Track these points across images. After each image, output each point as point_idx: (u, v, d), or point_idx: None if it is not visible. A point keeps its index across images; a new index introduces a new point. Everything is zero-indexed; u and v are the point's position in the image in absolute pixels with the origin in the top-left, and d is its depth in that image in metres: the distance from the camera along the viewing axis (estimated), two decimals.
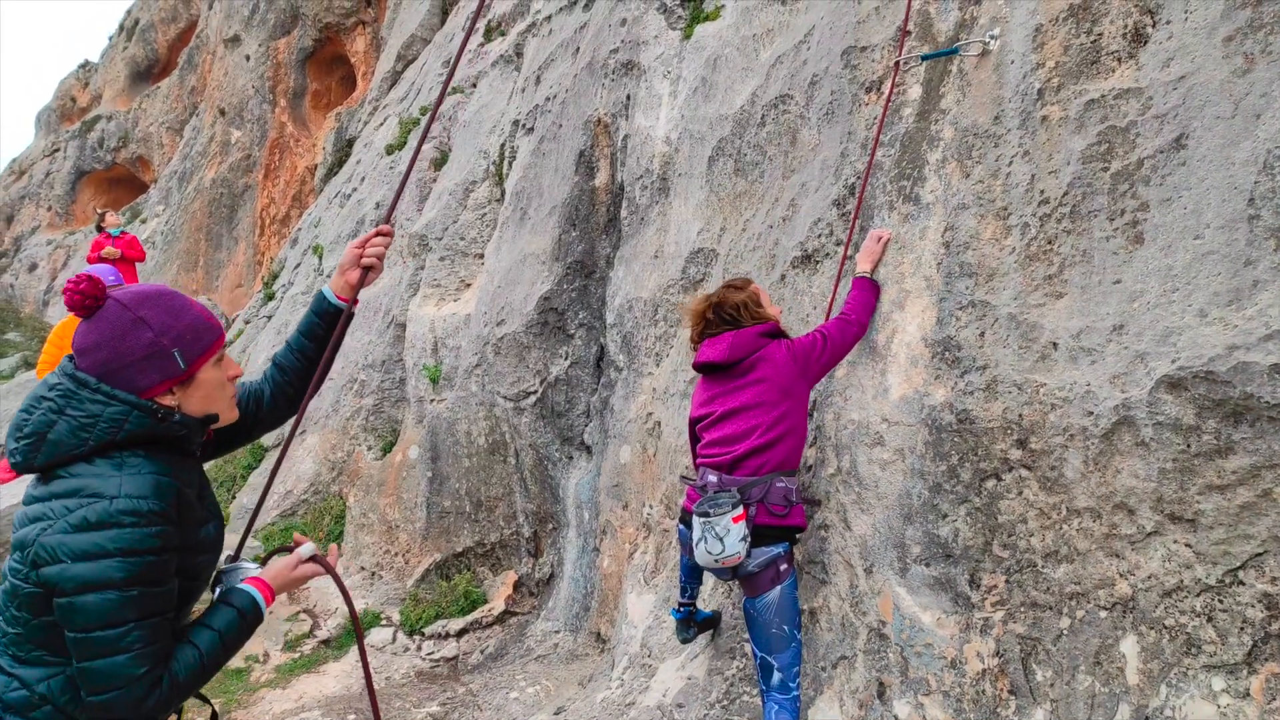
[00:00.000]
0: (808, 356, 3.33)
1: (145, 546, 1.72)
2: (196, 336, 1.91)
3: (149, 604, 1.74)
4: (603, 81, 6.93)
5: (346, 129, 17.51)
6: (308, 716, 5.31)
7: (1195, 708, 2.36)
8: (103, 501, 1.72)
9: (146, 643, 1.73)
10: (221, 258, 20.88)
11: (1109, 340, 2.65)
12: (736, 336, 3.41)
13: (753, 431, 3.29)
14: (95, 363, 1.82)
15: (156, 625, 1.76)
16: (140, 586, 1.72)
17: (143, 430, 1.82)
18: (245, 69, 20.57)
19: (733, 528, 3.12)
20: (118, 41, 28.72)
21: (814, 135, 4.48)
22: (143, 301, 1.87)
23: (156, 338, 1.84)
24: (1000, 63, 3.28)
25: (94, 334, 1.83)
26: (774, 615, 3.19)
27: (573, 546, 6.55)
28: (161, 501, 1.77)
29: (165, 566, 1.77)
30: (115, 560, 1.69)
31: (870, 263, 3.61)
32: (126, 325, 1.83)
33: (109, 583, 1.68)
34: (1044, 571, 2.78)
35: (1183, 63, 2.62)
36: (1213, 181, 2.46)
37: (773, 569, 3.21)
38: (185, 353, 1.89)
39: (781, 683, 3.17)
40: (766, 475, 3.25)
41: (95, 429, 1.78)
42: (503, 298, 7.24)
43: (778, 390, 3.30)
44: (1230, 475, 2.34)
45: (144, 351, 1.83)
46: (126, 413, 1.80)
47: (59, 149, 28.53)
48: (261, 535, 8.65)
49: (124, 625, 1.70)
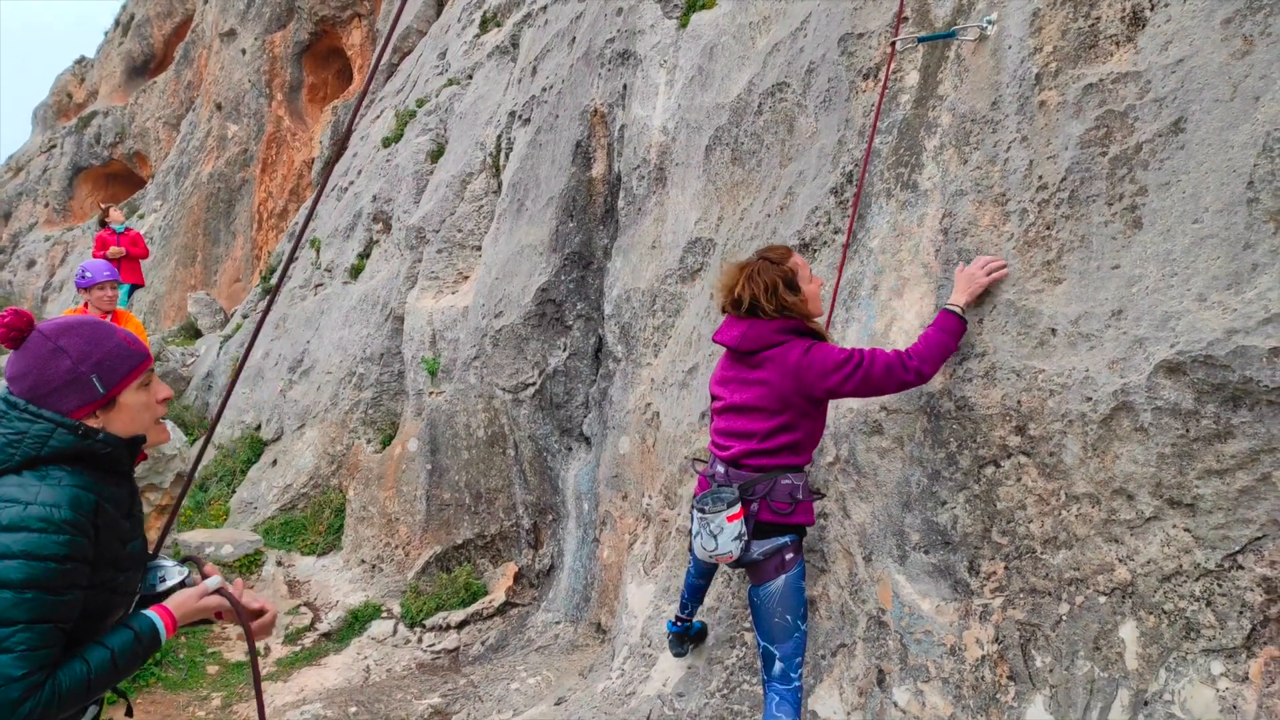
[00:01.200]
0: (821, 374, 3.01)
1: (49, 553, 1.78)
2: (116, 363, 2.02)
3: (43, 609, 1.77)
4: (599, 71, 6.91)
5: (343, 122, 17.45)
6: (309, 709, 5.32)
7: (1194, 692, 2.36)
8: (16, 507, 1.80)
9: (32, 646, 1.75)
10: (219, 253, 20.84)
11: (1107, 325, 2.64)
12: (752, 327, 3.16)
13: (751, 436, 3.17)
14: (23, 389, 1.95)
15: (47, 631, 1.78)
16: (36, 590, 1.76)
17: (68, 448, 1.91)
18: (241, 63, 20.50)
19: (727, 526, 3.05)
20: (113, 37, 28.63)
21: (811, 123, 4.47)
22: (63, 332, 1.99)
23: (75, 365, 1.96)
24: (998, 48, 3.26)
25: (20, 363, 1.97)
26: (777, 604, 3.15)
27: (572, 537, 6.55)
28: (75, 512, 1.84)
29: (68, 575, 1.81)
30: (17, 561, 1.75)
31: (967, 295, 3.04)
32: (47, 354, 1.96)
33: (5, 582, 1.74)
34: (1043, 557, 2.78)
35: (1181, 45, 2.61)
36: (1211, 165, 2.45)
37: (778, 558, 3.15)
38: (104, 378, 1.99)
39: (783, 673, 3.13)
40: (770, 473, 3.15)
41: (22, 444, 1.88)
42: (500, 289, 7.23)
43: (777, 398, 3.10)
44: (1229, 459, 2.34)
45: (64, 378, 1.95)
46: (50, 430, 1.91)
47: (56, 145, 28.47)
48: (262, 529, 8.67)
49: (12, 625, 1.74)
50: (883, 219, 3.68)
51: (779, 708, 3.09)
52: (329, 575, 7.81)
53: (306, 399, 9.88)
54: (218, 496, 9.79)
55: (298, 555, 8.25)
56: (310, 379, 10.06)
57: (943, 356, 3.01)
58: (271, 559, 7.94)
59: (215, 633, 6.57)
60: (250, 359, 11.87)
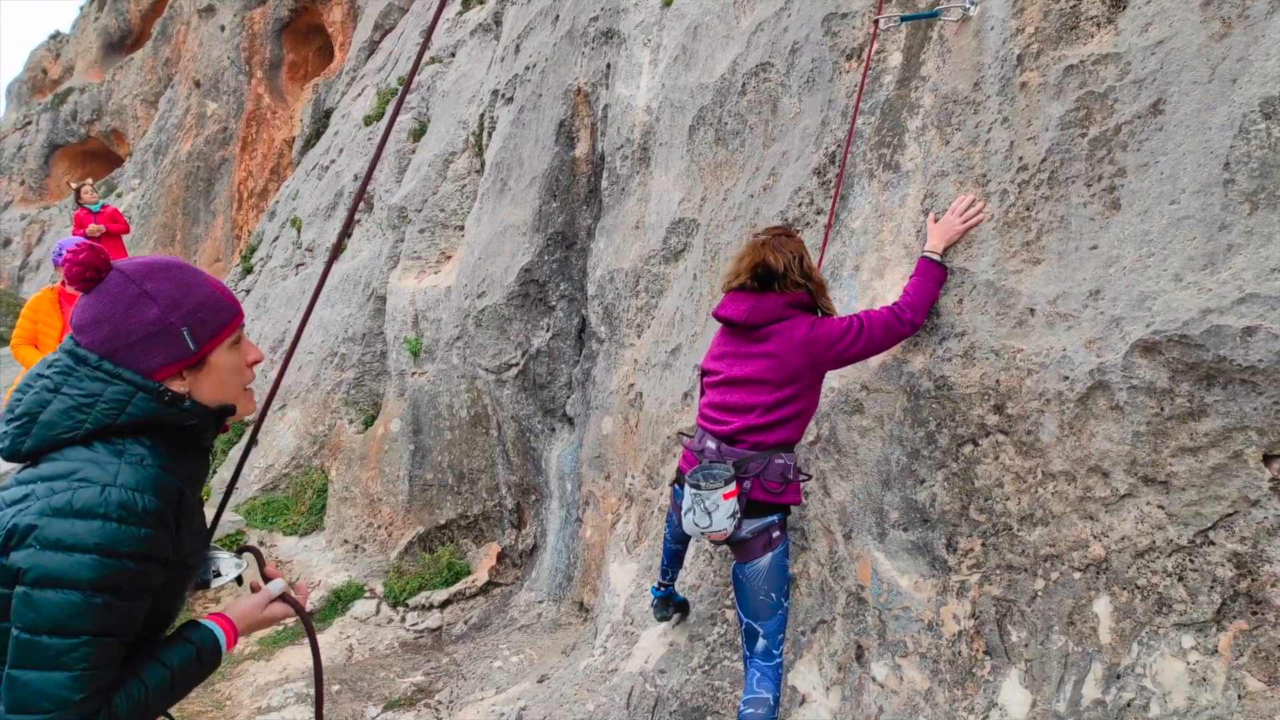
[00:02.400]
0: (828, 345, 3.05)
1: (128, 550, 1.50)
2: (209, 315, 1.71)
3: (111, 620, 1.50)
4: (582, 50, 6.87)
5: (324, 100, 17.28)
6: (291, 687, 5.33)
7: (1166, 665, 2.41)
8: (93, 488, 1.50)
9: (93, 664, 1.48)
10: (199, 232, 20.64)
11: (1085, 305, 2.67)
12: (761, 301, 3.16)
13: (752, 410, 3.16)
14: (96, 340, 1.63)
15: (111, 647, 1.51)
16: (108, 595, 1.48)
17: (147, 416, 1.62)
18: (220, 40, 20.23)
19: (723, 504, 3.03)
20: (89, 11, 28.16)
21: (795, 103, 4.47)
22: (149, 274, 1.67)
23: (164, 314, 1.65)
24: (980, 29, 3.27)
25: (94, 308, 1.64)
26: (763, 582, 3.15)
27: (555, 517, 6.57)
28: (161, 501, 1.56)
29: (143, 577, 1.54)
30: (90, 557, 1.46)
31: (944, 239, 3.13)
32: (130, 299, 1.63)
33: (73, 582, 1.45)
34: (1019, 534, 2.82)
35: (1161, 27, 2.62)
36: (1189, 146, 2.47)
37: (765, 536, 3.16)
38: (195, 332, 1.68)
39: (765, 649, 3.14)
40: (766, 451, 3.14)
41: (94, 410, 1.58)
42: (483, 270, 7.21)
43: (784, 371, 3.10)
44: (1202, 437, 2.37)
45: (149, 329, 1.63)
46: (130, 394, 1.60)
47: (31, 122, 28.04)
48: (244, 510, 8.64)
49: (75, 638, 1.46)
50: (865, 200, 3.69)
51: (760, 683, 3.11)
52: (311, 555, 7.80)
53: (288, 379, 9.82)
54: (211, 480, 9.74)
55: (280, 536, 8.23)
56: (292, 359, 10.02)
57: (930, 304, 3.12)
58: (253, 539, 7.92)
59: (197, 613, 6.56)
60: None
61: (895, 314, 3.06)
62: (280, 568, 7.64)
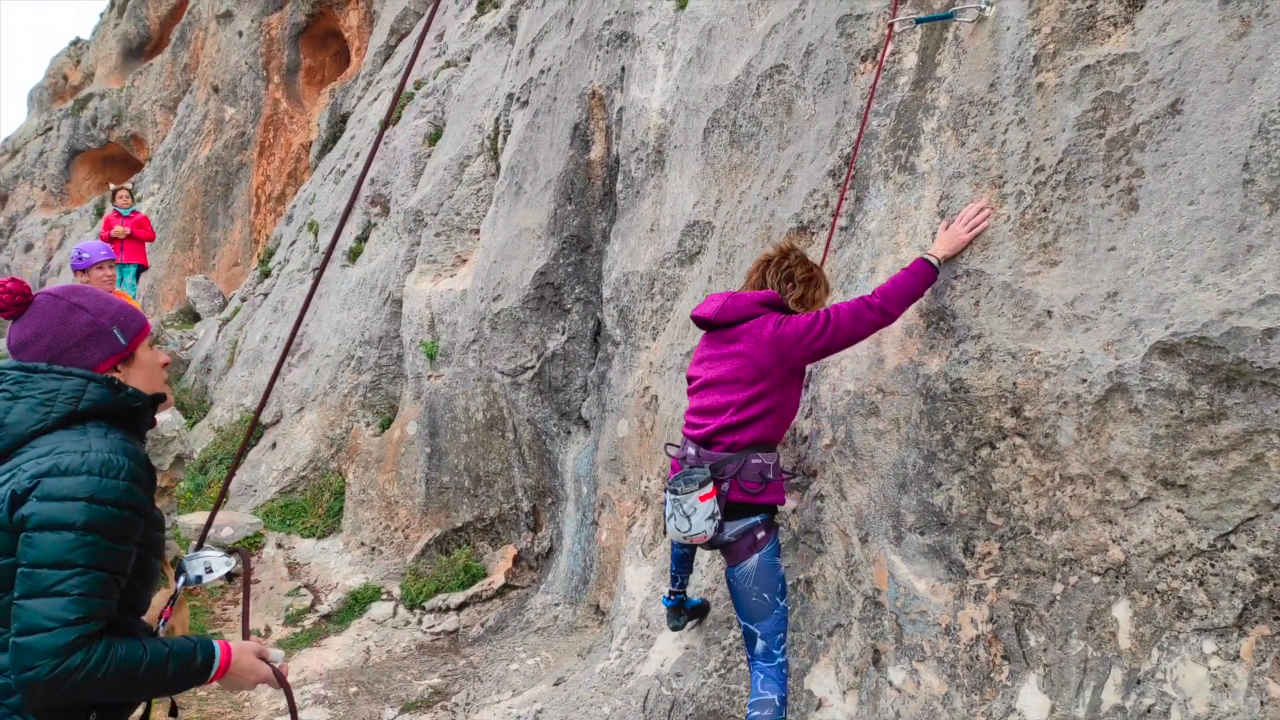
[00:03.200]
0: (796, 340, 3.08)
1: (113, 498, 1.75)
2: (129, 318, 2.02)
3: (102, 556, 1.73)
4: (597, 53, 6.88)
5: (341, 105, 17.38)
6: (309, 689, 5.36)
7: (1186, 670, 2.38)
8: (73, 455, 1.76)
9: (86, 592, 1.70)
10: (218, 236, 20.79)
11: (1103, 307, 2.65)
12: (733, 298, 3.26)
13: (725, 409, 3.19)
14: (39, 351, 1.90)
15: (104, 580, 1.73)
16: (97, 535, 1.72)
17: (104, 402, 1.88)
18: (238, 45, 20.39)
19: (700, 506, 3.06)
20: (109, 18, 28.44)
21: (810, 105, 4.46)
22: (71, 292, 1.98)
23: (94, 318, 1.95)
24: (996, 29, 3.25)
25: (31, 327, 1.92)
26: (753, 583, 3.16)
27: (571, 520, 6.58)
28: (130, 461, 1.81)
29: (127, 524, 1.79)
30: (81, 504, 1.72)
31: (949, 246, 3.11)
32: (62, 312, 1.93)
33: (68, 524, 1.70)
34: (1037, 538, 2.80)
35: (1179, 26, 2.60)
36: (1208, 147, 2.45)
37: (749, 537, 3.17)
38: (123, 330, 1.99)
39: (765, 650, 3.14)
40: (740, 452, 3.16)
41: (56, 402, 1.83)
42: (499, 273, 7.23)
43: (753, 368, 3.14)
44: (1223, 440, 2.35)
45: (85, 331, 1.93)
46: (84, 385, 1.87)
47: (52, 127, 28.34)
48: (262, 512, 8.70)
49: (71, 569, 1.69)
50: (880, 201, 3.68)
51: (764, 685, 3.10)
52: (329, 558, 7.84)
53: (305, 382, 9.89)
54: (217, 479, 9.81)
55: (298, 538, 8.28)
56: (309, 362, 10.07)
57: (909, 298, 3.09)
58: (271, 541, 7.98)
59: (216, 614, 6.61)
60: (249, 342, 11.88)
61: (864, 302, 3.06)
62: (298, 569, 7.69)
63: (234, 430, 10.48)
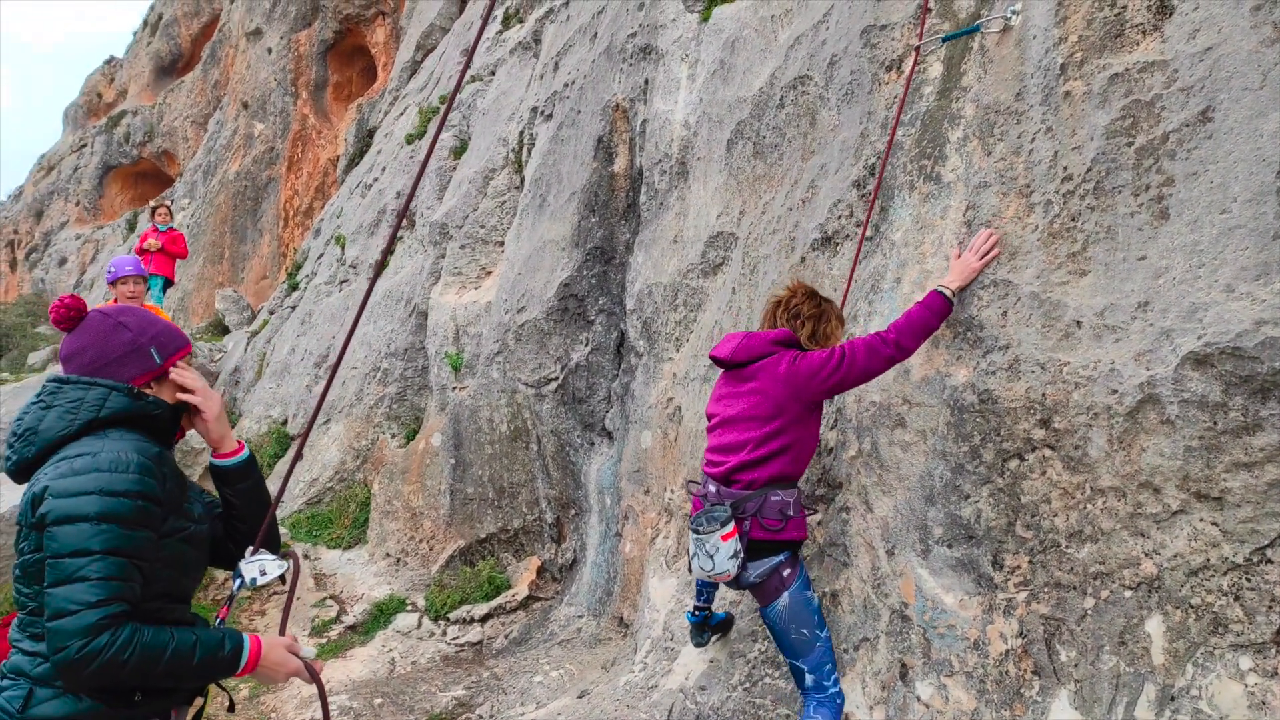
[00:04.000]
0: (811, 376, 3.10)
1: (121, 489, 1.88)
2: (169, 339, 2.21)
3: (118, 541, 1.85)
4: (620, 66, 6.91)
5: (368, 120, 17.58)
6: (334, 700, 5.38)
7: (1222, 687, 2.33)
8: (86, 457, 1.92)
9: (106, 575, 1.81)
10: (246, 250, 21.06)
11: (1134, 317, 2.61)
12: (748, 339, 3.32)
13: (743, 446, 3.20)
14: (83, 364, 2.09)
15: (123, 565, 1.85)
16: (110, 523, 1.84)
17: (124, 410, 2.03)
18: (267, 62, 20.69)
19: (722, 545, 3.07)
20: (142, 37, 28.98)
21: (833, 116, 4.45)
22: (121, 312, 2.18)
23: (135, 337, 2.14)
24: (1022, 38, 3.23)
25: (79, 340, 2.12)
26: (789, 621, 3.14)
27: (595, 532, 6.57)
28: (143, 456, 1.95)
29: (141, 512, 1.90)
30: (92, 497, 1.85)
31: (961, 277, 3.12)
32: (109, 329, 2.13)
33: (82, 516, 1.83)
34: (1068, 552, 2.75)
35: (1209, 34, 2.57)
36: (1240, 154, 2.41)
37: (775, 577, 3.17)
38: (160, 350, 2.17)
39: (816, 684, 3.12)
40: (760, 490, 3.16)
41: (80, 410, 2.00)
42: (523, 285, 7.26)
43: (771, 404, 3.16)
44: (1258, 452, 2.31)
45: (124, 349, 2.12)
46: (106, 394, 2.03)
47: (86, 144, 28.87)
48: (288, 523, 8.76)
49: (89, 555, 1.81)
50: (906, 211, 3.66)
51: (816, 710, 3.08)
52: (354, 569, 7.88)
53: (332, 394, 9.97)
54: None
55: (324, 548, 8.33)
56: (336, 374, 10.16)
57: (925, 333, 3.10)
58: (298, 552, 8.03)
59: (243, 624, 6.65)
60: (277, 354, 12.00)
61: (880, 338, 3.08)
62: (324, 580, 7.73)
63: (261, 441, 10.58)
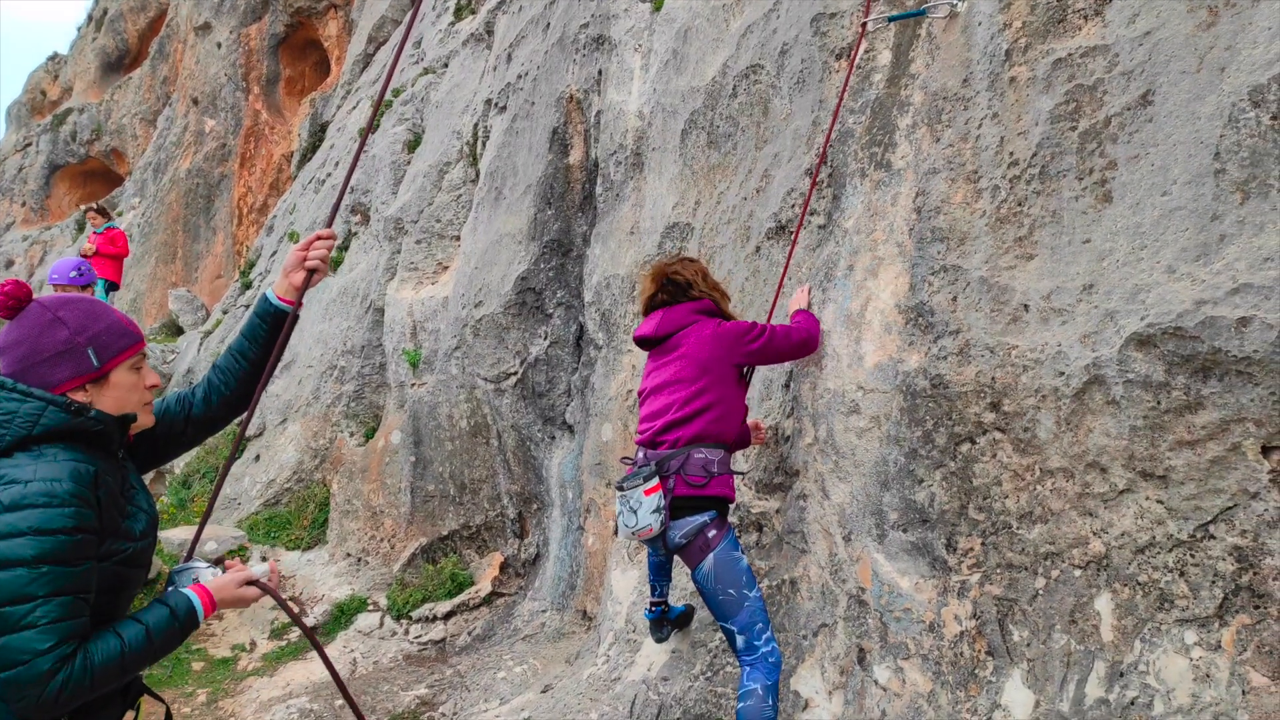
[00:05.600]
0: (736, 337, 3.35)
1: (57, 526, 1.75)
2: (112, 339, 2.01)
3: (60, 581, 1.74)
4: (574, 57, 6.86)
5: (321, 114, 17.31)
6: (295, 703, 5.30)
7: (1169, 661, 2.37)
8: (16, 486, 1.76)
9: (55, 619, 1.71)
10: (200, 249, 20.65)
11: (1079, 300, 2.64)
12: (668, 313, 3.48)
13: (669, 408, 3.33)
14: (13, 359, 1.92)
15: (69, 603, 1.75)
16: (50, 564, 1.73)
17: (59, 425, 1.87)
18: (217, 57, 20.29)
19: (645, 500, 3.16)
20: (86, 32, 28.26)
21: (786, 105, 4.45)
22: (63, 304, 1.98)
23: (72, 335, 1.94)
24: (968, 24, 3.25)
25: (15, 332, 1.94)
26: (715, 582, 3.17)
27: (557, 526, 6.54)
28: (77, 484, 1.80)
29: (80, 547, 1.78)
30: (26, 539, 1.72)
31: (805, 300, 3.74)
32: (45, 324, 1.94)
33: (19, 560, 1.71)
34: (1019, 533, 2.79)
35: (1148, 18, 2.60)
36: (1179, 137, 2.45)
37: (700, 538, 3.21)
38: (100, 352, 1.97)
39: (746, 644, 3.13)
40: (684, 447, 3.26)
41: (12, 425, 1.84)
42: (480, 279, 7.19)
43: (695, 365, 3.32)
44: (1200, 430, 2.35)
45: (59, 348, 1.93)
46: (41, 409, 1.87)
47: (31, 143, 28.13)
48: (246, 525, 8.61)
49: (31, 601, 1.70)
50: (857, 199, 3.67)
51: (750, 677, 3.09)
52: (314, 569, 7.77)
53: (288, 393, 9.81)
54: (200, 493, 9.72)
55: (282, 550, 8.20)
56: (291, 373, 10.00)
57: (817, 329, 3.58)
58: (256, 554, 7.90)
59: (200, 629, 6.54)
60: None
61: (788, 327, 3.48)
62: (283, 582, 7.61)
63: (217, 443, 10.39)
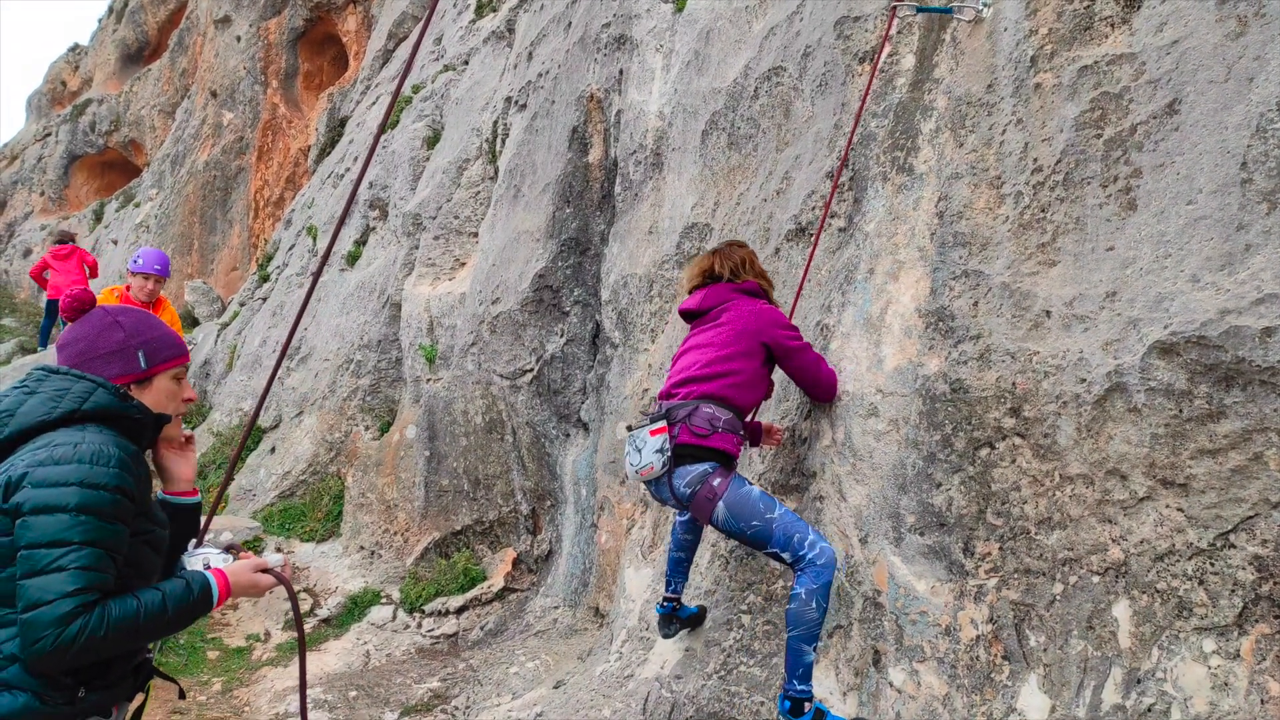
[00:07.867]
0: (773, 322, 3.43)
1: (102, 482, 1.90)
2: (161, 347, 2.20)
3: (96, 533, 1.87)
4: (595, 56, 6.89)
5: (339, 109, 17.39)
6: (309, 694, 5.35)
7: (1186, 669, 2.38)
8: (66, 447, 1.92)
9: (83, 566, 1.83)
10: (216, 241, 20.77)
11: (1102, 307, 2.65)
12: (715, 289, 3.58)
13: (694, 365, 3.44)
14: (72, 354, 2.12)
15: (100, 555, 1.87)
16: (89, 515, 1.86)
17: (107, 407, 2.04)
18: (236, 50, 20.40)
19: (650, 440, 3.27)
20: (107, 24, 28.45)
21: (807, 107, 4.46)
22: (123, 311, 2.21)
23: (127, 338, 2.15)
24: (994, 30, 3.26)
25: (76, 330, 2.16)
26: (738, 521, 3.22)
27: (571, 523, 6.57)
28: (122, 453, 1.97)
29: (118, 507, 1.92)
30: (73, 488, 1.86)
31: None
32: (105, 325, 2.15)
33: (62, 507, 1.85)
34: (1037, 538, 2.80)
35: (1176, 27, 2.61)
36: (1205, 146, 2.45)
37: (705, 487, 3.26)
38: (149, 356, 2.17)
39: (794, 557, 3.15)
40: (695, 400, 3.36)
41: (64, 400, 2.00)
42: (497, 276, 7.23)
43: (730, 333, 3.41)
44: (1222, 439, 2.35)
45: (113, 347, 2.13)
46: (92, 389, 2.04)
47: (50, 133, 28.33)
48: (261, 516, 8.68)
49: (66, 546, 1.83)
50: (879, 203, 3.68)
51: (798, 582, 3.12)
52: (328, 562, 7.83)
53: (304, 386, 9.88)
54: (215, 483, 9.79)
55: (297, 542, 8.26)
56: (308, 366, 10.06)
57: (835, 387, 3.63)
58: (271, 545, 7.96)
59: (215, 619, 6.60)
60: (247, 347, 11.88)
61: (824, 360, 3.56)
62: (297, 573, 7.67)
63: (233, 435, 10.46)
